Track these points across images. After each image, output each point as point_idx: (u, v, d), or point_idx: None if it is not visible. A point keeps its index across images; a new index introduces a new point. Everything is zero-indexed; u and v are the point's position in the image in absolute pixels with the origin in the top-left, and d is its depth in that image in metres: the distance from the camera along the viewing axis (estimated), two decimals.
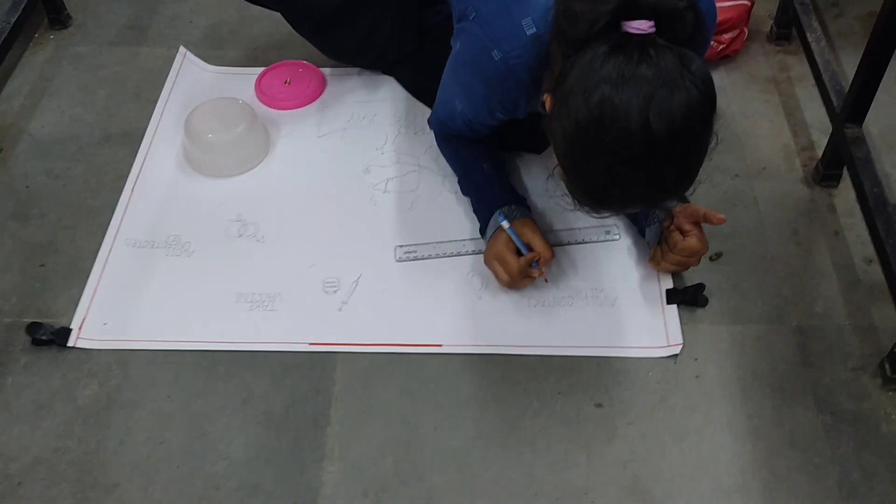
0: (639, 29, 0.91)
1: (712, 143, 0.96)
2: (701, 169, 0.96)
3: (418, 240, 1.39)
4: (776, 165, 1.50)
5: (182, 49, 1.71)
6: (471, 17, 1.18)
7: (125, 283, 1.33)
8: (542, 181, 1.45)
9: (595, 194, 0.98)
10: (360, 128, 1.59)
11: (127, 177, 1.49)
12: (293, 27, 1.54)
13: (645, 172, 0.93)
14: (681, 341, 1.24)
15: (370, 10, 1.48)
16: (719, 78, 1.65)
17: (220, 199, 1.46)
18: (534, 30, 1.10)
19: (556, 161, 1.00)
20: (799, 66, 1.67)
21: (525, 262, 1.25)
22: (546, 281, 1.30)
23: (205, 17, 1.83)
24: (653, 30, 0.92)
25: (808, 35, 1.54)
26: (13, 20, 1.62)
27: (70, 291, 1.32)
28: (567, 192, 1.01)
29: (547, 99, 1.02)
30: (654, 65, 0.89)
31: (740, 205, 1.43)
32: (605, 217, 1.04)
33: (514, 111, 1.23)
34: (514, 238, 1.25)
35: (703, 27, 0.96)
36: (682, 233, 1.24)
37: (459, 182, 1.41)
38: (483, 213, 1.33)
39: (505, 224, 1.25)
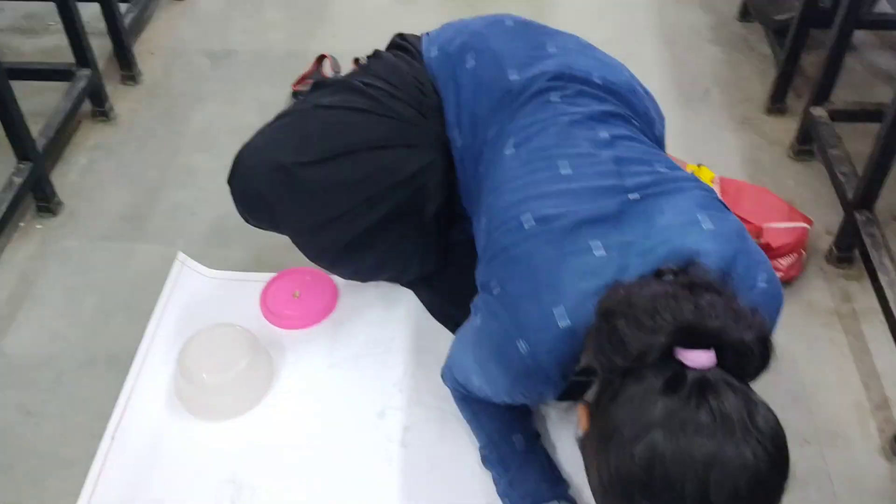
0: (697, 363, 0.77)
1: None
2: None
3: None
4: (849, 429, 1.31)
5: (180, 255, 1.54)
6: (494, 292, 1.01)
7: None
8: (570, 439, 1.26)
9: None
10: (375, 355, 1.41)
11: (109, 417, 1.30)
12: (309, 259, 1.37)
13: None
14: None
15: (390, 235, 1.31)
16: None
17: (212, 451, 1.27)
18: (567, 322, 0.93)
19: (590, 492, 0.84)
20: (863, 296, 1.51)
21: None
22: None
23: (209, 207, 1.67)
24: (713, 362, 0.78)
25: (880, 277, 1.38)
26: None
27: None
28: None
29: (582, 414, 0.85)
30: (715, 413, 0.74)
31: (812, 483, 1.24)
32: None
33: (539, 400, 1.07)
34: None
35: (771, 355, 0.82)
36: None
37: (482, 451, 1.23)
38: (518, 501, 1.14)
39: None
